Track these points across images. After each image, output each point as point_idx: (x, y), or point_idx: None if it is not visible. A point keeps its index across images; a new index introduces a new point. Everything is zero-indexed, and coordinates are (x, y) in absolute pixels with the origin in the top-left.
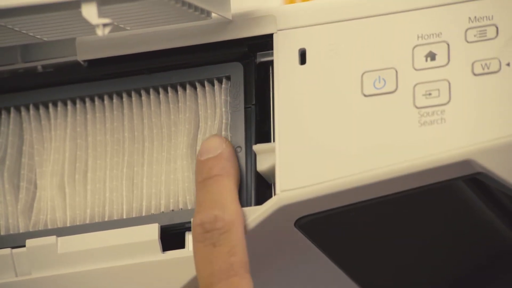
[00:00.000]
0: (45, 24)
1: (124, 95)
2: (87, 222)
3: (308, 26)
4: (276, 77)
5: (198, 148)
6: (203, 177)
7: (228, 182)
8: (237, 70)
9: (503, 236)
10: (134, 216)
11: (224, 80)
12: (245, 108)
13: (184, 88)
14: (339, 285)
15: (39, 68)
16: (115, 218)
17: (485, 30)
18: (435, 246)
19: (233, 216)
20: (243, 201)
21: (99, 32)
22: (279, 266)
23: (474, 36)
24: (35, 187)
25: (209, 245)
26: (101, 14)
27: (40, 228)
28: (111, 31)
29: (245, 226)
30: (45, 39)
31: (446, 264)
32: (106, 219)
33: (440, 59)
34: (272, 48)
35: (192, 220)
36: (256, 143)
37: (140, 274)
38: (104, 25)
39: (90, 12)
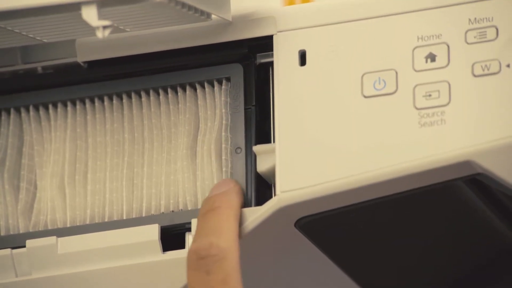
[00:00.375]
0: (45, 26)
1: (124, 96)
2: (87, 222)
3: (308, 28)
4: (276, 78)
5: (198, 149)
6: (204, 210)
7: (228, 213)
8: (237, 71)
9: (503, 237)
10: (134, 216)
11: (224, 81)
12: (245, 109)
13: (184, 89)
14: (340, 285)
15: (39, 69)
16: (115, 218)
17: (485, 31)
18: (435, 246)
19: (228, 244)
20: (243, 202)
21: (99, 34)
22: (279, 267)
23: (474, 37)
24: (35, 188)
25: (203, 272)
26: (101, 16)
27: (40, 229)
28: (111, 33)
29: (238, 257)
30: (45, 40)
31: (446, 264)
32: (106, 220)
33: (440, 60)
34: (272, 49)
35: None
36: (256, 144)
37: (141, 274)
38: (104, 27)
39: (90, 14)
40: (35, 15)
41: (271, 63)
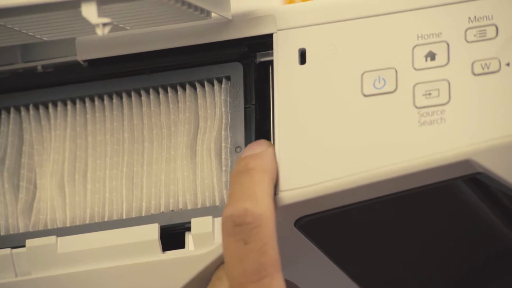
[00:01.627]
0: (45, 24)
1: (124, 95)
2: (87, 222)
3: (308, 26)
4: (276, 77)
5: (198, 148)
6: (238, 170)
7: (263, 177)
8: (237, 70)
9: (503, 236)
10: (134, 216)
11: (224, 80)
12: (245, 108)
13: (184, 88)
14: (339, 285)
15: (39, 68)
16: (115, 218)
17: (485, 30)
18: (435, 246)
19: (264, 210)
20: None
21: (99, 31)
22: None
23: (474, 36)
24: (35, 187)
25: (240, 241)
26: (101, 14)
27: (40, 228)
28: (111, 31)
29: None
30: (45, 38)
31: (446, 264)
32: (106, 219)
33: (440, 59)
34: (272, 48)
35: (222, 212)
36: None
37: (140, 274)
38: (104, 24)
39: (90, 12)
40: (35, 13)
41: (271, 62)
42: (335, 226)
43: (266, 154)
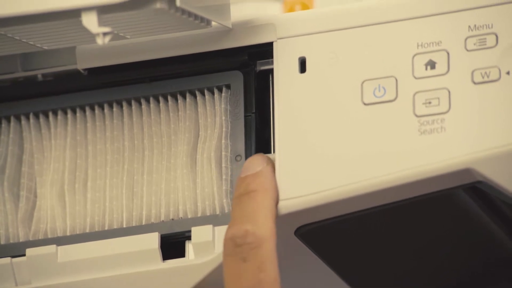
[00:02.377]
0: (45, 33)
1: (124, 104)
2: (87, 231)
3: (308, 35)
4: (276, 86)
5: (198, 156)
6: (239, 193)
7: (264, 198)
8: (237, 79)
9: (502, 245)
10: (134, 225)
11: (224, 89)
12: (245, 116)
13: (184, 97)
14: None
15: (39, 77)
16: (115, 227)
17: (485, 38)
18: (435, 254)
19: (265, 232)
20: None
21: (99, 41)
22: (279, 275)
23: (474, 44)
24: (35, 196)
25: (239, 260)
26: (101, 23)
27: (40, 237)
28: (111, 40)
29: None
30: (45, 47)
31: (446, 272)
32: (106, 228)
33: (440, 67)
34: (272, 57)
35: (224, 234)
36: (256, 151)
37: (140, 283)
38: (104, 34)
39: (90, 21)
40: (35, 22)
41: (271, 70)
42: (336, 235)
43: (265, 172)
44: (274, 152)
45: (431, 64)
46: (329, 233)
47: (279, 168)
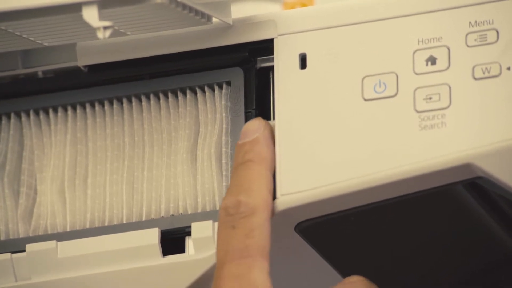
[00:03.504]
0: (45, 29)
1: (124, 101)
2: (87, 227)
3: (308, 31)
4: (276, 82)
5: (198, 153)
6: (237, 162)
7: (259, 168)
8: (237, 75)
9: (502, 243)
10: (134, 220)
11: (224, 85)
12: (246, 113)
13: (184, 93)
14: None
15: (40, 74)
16: (115, 222)
17: (486, 34)
18: (435, 251)
19: (258, 202)
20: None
21: (100, 35)
22: (278, 270)
23: (475, 40)
24: (35, 192)
25: (229, 227)
26: (102, 17)
27: (40, 233)
28: (111, 36)
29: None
30: (46, 44)
31: (446, 269)
32: (106, 224)
33: (441, 63)
34: (272, 53)
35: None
36: None
37: (141, 278)
38: (105, 28)
39: (91, 15)
40: (36, 16)
41: (272, 67)
42: (336, 231)
43: (263, 139)
44: (274, 148)
45: (432, 60)
46: (329, 229)
47: (279, 163)
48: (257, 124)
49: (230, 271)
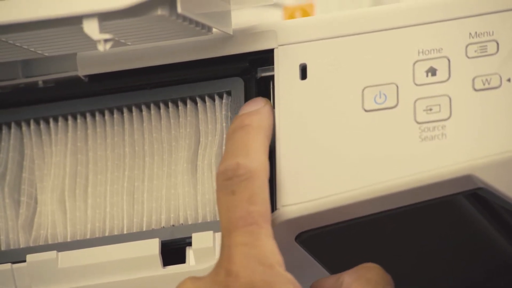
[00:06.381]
0: (46, 40)
1: (125, 110)
2: (88, 237)
3: (309, 41)
4: (276, 92)
5: (198, 163)
6: (234, 127)
7: (257, 133)
8: (238, 85)
9: (503, 251)
10: (134, 231)
11: (224, 95)
12: None
13: (185, 103)
14: None
15: (40, 83)
16: (116, 233)
17: (486, 45)
18: (436, 261)
19: (256, 165)
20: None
21: (101, 47)
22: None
23: (475, 51)
24: (36, 202)
25: (229, 193)
26: (102, 30)
27: (40, 243)
28: (112, 47)
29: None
30: (46, 54)
31: (447, 278)
32: (106, 234)
33: (441, 74)
34: (273, 63)
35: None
36: None
37: None
38: (106, 40)
39: (91, 28)
40: (37, 29)
41: (272, 77)
42: (337, 241)
43: (262, 111)
44: (275, 158)
45: (432, 71)
46: (330, 240)
47: (279, 174)
48: (258, 100)
49: (237, 239)
